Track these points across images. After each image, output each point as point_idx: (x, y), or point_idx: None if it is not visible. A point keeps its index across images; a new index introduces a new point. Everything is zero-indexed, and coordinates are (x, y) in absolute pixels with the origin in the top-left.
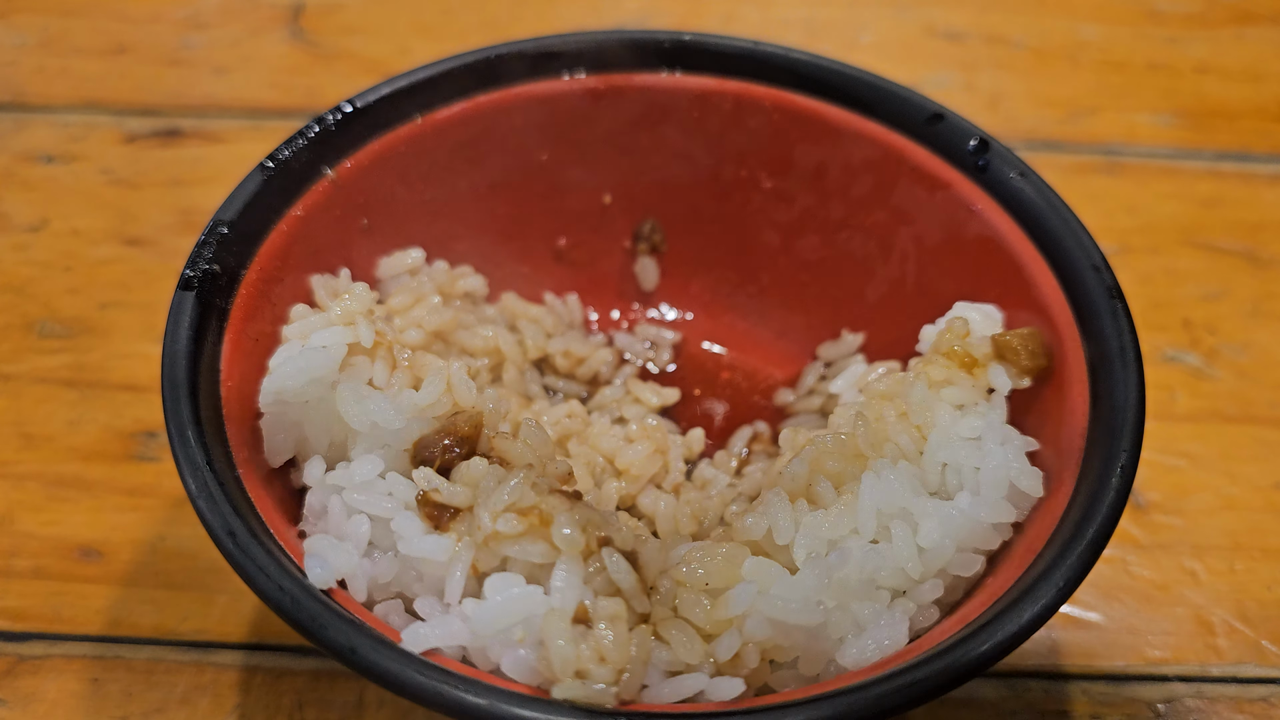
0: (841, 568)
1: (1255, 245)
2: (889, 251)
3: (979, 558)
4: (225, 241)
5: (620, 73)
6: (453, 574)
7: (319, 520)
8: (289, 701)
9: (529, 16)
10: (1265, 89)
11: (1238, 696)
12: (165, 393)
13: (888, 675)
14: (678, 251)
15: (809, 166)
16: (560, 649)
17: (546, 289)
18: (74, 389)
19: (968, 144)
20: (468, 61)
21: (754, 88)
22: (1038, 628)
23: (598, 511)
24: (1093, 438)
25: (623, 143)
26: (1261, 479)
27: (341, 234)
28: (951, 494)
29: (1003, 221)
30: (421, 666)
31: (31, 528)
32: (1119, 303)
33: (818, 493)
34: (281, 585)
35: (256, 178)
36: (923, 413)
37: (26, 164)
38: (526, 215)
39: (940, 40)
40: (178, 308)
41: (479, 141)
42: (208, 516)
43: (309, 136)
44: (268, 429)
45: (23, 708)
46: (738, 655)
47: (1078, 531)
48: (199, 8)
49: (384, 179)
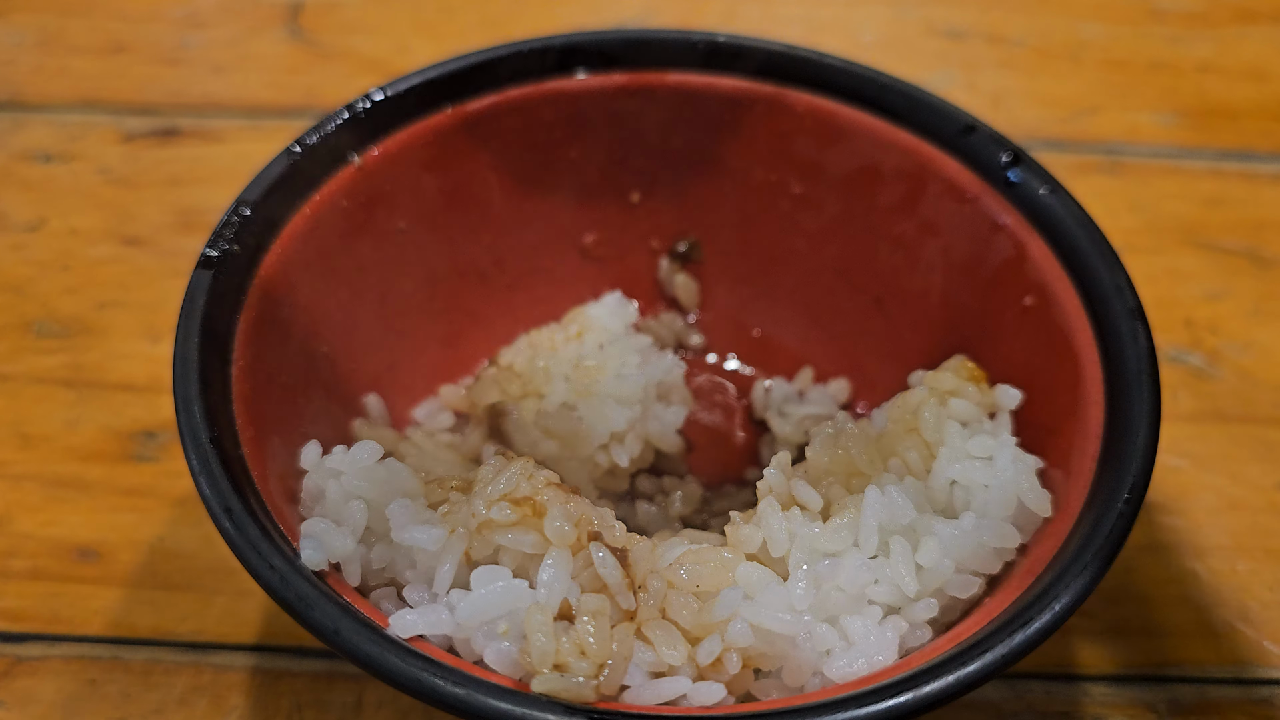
0: (832, 579)
1: (1258, 245)
2: (915, 263)
3: (977, 580)
4: (247, 222)
5: (652, 71)
6: (442, 564)
7: (316, 504)
8: (287, 703)
9: (529, 15)
10: (1268, 88)
11: (1240, 698)
12: (175, 368)
13: (869, 691)
14: (705, 255)
15: (839, 173)
16: (541, 642)
17: (571, 285)
18: (72, 389)
19: (999, 157)
20: (499, 55)
21: (787, 91)
22: (1030, 651)
23: (593, 507)
24: (1104, 461)
25: (652, 141)
26: (1264, 479)
27: (367, 220)
28: (958, 512)
29: (1030, 237)
30: (403, 653)
31: (29, 528)
32: (1141, 325)
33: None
34: (272, 564)
35: (283, 161)
36: (932, 429)
37: (24, 163)
38: (553, 211)
39: (941, 39)
40: (194, 286)
41: (507, 135)
42: (206, 492)
43: (337, 123)
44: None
45: (20, 709)
46: (719, 660)
47: (1079, 556)
48: (197, 7)
49: (411, 169)
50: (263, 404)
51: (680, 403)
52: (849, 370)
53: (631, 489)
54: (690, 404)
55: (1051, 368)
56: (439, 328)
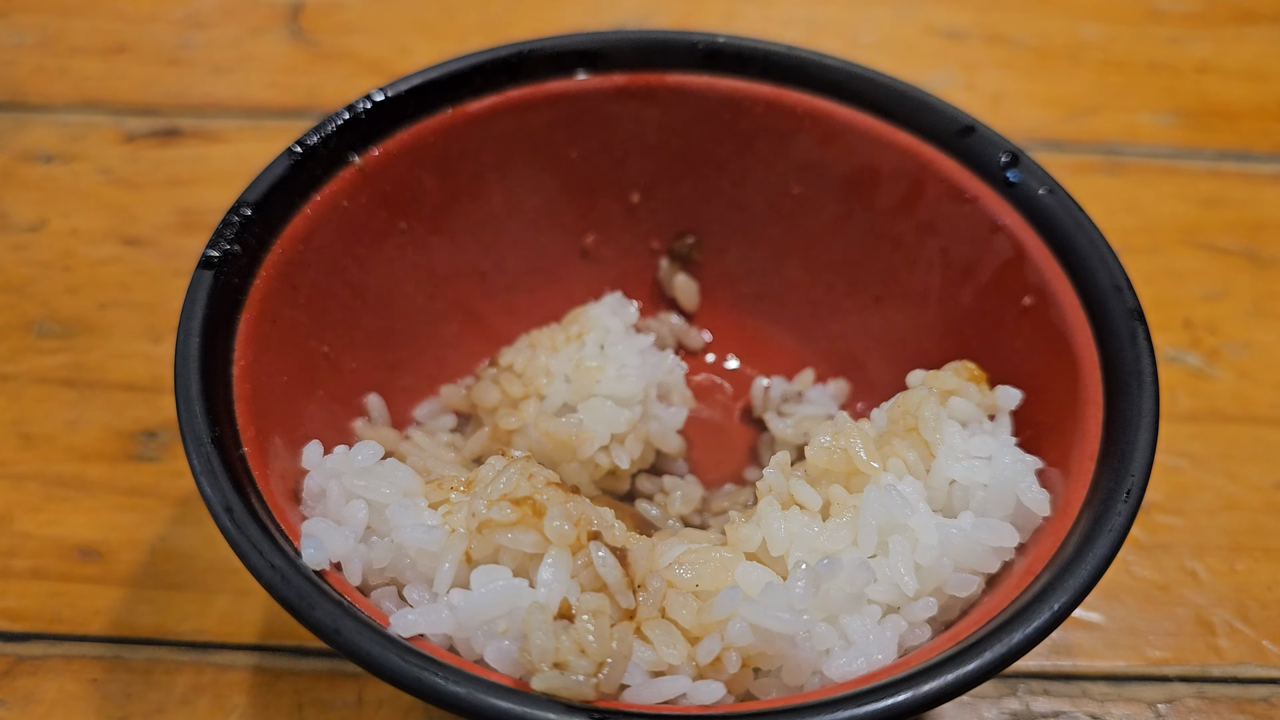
0: (831, 579)
1: (1256, 245)
2: (914, 263)
3: (976, 579)
4: (248, 223)
5: (652, 72)
6: (442, 564)
7: (318, 503)
8: (288, 702)
9: (529, 16)
10: (1266, 88)
11: (1239, 697)
12: (177, 367)
13: (869, 690)
14: (705, 255)
15: (838, 174)
16: (540, 640)
17: (572, 285)
18: (73, 389)
19: (998, 158)
20: (500, 55)
21: (786, 92)
22: (1028, 650)
23: (593, 507)
24: (1103, 461)
25: (652, 142)
26: (1262, 479)
27: (367, 221)
28: (957, 511)
29: (1029, 237)
30: (404, 652)
31: (30, 528)
32: (1140, 325)
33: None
34: (273, 563)
35: (283, 162)
36: (932, 429)
37: (25, 163)
38: (554, 211)
39: (941, 39)
40: (195, 286)
41: (508, 136)
42: (208, 491)
43: (338, 124)
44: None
45: (22, 708)
46: (718, 659)
47: (1077, 555)
48: (198, 7)
49: (411, 169)
50: (264, 404)
51: (680, 403)
52: (849, 370)
53: (632, 489)
54: (690, 404)
55: (1050, 368)
56: (439, 328)
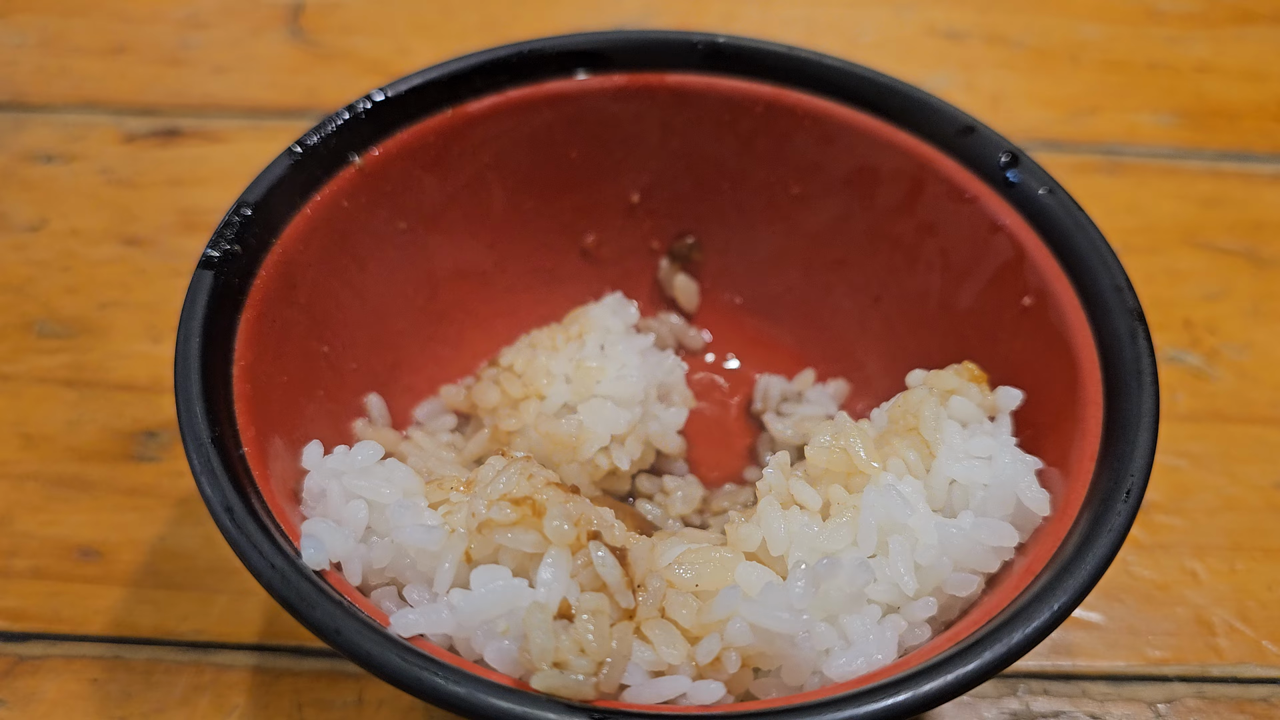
0: (830, 579)
1: (1256, 245)
2: (914, 263)
3: (976, 578)
4: (248, 223)
5: (652, 72)
6: (442, 564)
7: (318, 503)
8: (288, 702)
9: (529, 16)
10: (1266, 88)
11: (1239, 697)
12: (177, 367)
13: (868, 690)
14: (705, 255)
15: (838, 174)
16: (540, 640)
17: (572, 286)
18: (73, 389)
19: (998, 158)
20: (500, 55)
21: (786, 92)
22: (1028, 650)
23: (593, 507)
24: (1103, 461)
25: (651, 142)
26: (1262, 479)
27: (367, 221)
28: (957, 511)
29: (1028, 237)
30: (404, 652)
31: (31, 528)
32: (1140, 325)
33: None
34: (274, 563)
35: (284, 162)
36: (932, 429)
37: (26, 164)
38: (554, 211)
39: (940, 40)
40: (195, 286)
41: (508, 136)
42: (208, 491)
43: (338, 124)
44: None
45: (22, 708)
46: (718, 659)
47: (1077, 555)
48: (198, 7)
49: (411, 169)
50: (264, 404)
51: (681, 403)
52: (849, 370)
53: (632, 489)
54: (691, 404)
55: (1050, 368)
56: (440, 328)
